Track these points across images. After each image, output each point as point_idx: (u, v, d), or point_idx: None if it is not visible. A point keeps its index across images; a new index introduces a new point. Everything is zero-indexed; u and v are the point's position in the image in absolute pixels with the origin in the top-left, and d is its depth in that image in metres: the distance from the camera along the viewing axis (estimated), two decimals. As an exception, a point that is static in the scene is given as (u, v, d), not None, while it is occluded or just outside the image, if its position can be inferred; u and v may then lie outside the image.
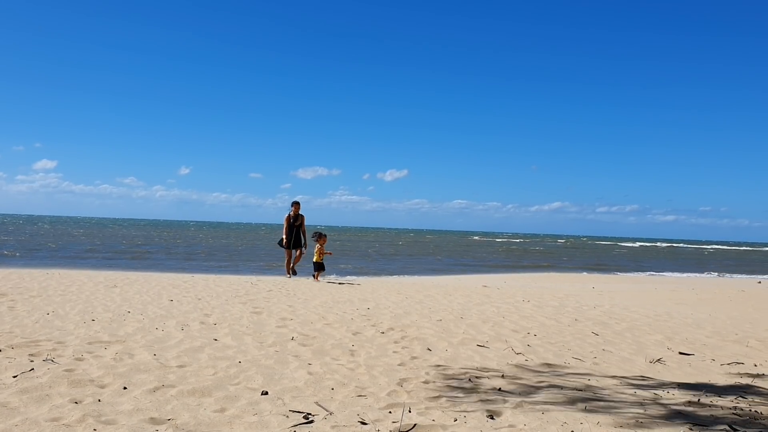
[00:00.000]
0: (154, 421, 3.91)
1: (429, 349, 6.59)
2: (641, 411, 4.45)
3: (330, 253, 15.61)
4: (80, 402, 4.22)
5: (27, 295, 9.62)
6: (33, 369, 5.01)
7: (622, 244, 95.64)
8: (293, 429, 3.86)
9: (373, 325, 7.90)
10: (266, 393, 4.66)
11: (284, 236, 15.34)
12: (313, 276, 14.62)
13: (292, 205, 15.56)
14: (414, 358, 6.16)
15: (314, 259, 14.67)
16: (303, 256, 15.54)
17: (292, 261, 15.55)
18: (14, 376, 4.77)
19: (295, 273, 15.60)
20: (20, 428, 3.64)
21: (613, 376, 5.68)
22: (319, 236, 14.83)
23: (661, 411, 4.48)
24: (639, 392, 5.09)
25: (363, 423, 4.02)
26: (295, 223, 15.39)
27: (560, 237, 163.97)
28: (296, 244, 15.43)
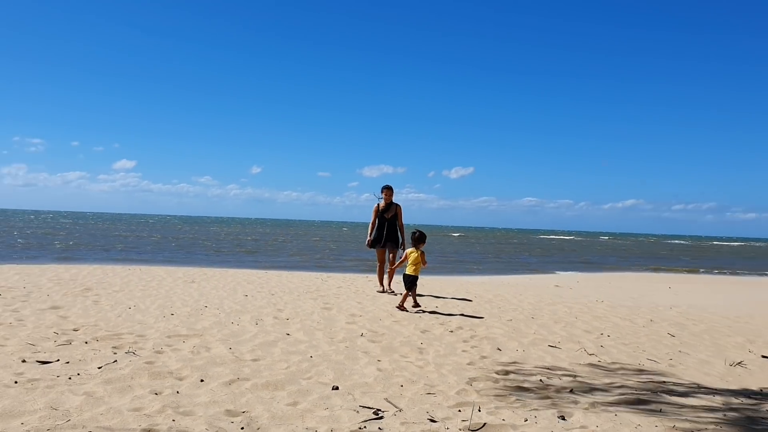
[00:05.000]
0: (229, 413, 4.03)
1: (499, 349, 6.54)
2: (720, 416, 4.30)
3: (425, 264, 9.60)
4: (160, 393, 4.39)
5: (110, 290, 10.05)
6: (116, 361, 5.24)
7: (700, 243, 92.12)
8: (363, 424, 3.91)
9: (442, 324, 7.89)
10: (337, 388, 4.73)
11: (369, 232, 11.38)
12: (413, 301, 9.33)
13: (381, 191, 11.43)
14: (483, 357, 6.12)
15: (407, 271, 9.39)
16: (401, 261, 9.88)
17: (386, 267, 11.41)
18: (99, 367, 5.00)
19: (392, 291, 11.19)
20: (105, 417, 3.82)
21: (690, 380, 5.51)
22: (419, 237, 9.60)
23: (740, 416, 4.32)
24: (718, 397, 4.92)
25: (432, 420, 4.03)
26: (387, 214, 11.28)
27: (634, 236, 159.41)
28: (390, 243, 11.23)
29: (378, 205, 11.39)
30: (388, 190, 11.37)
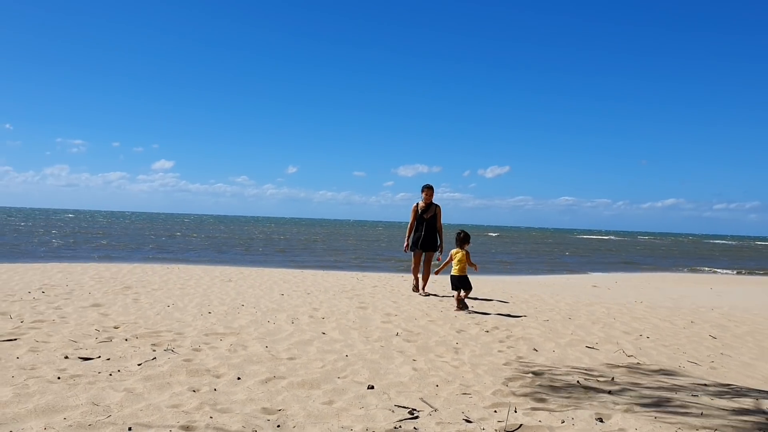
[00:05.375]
0: (266, 411, 4.07)
1: (535, 350, 6.48)
2: (763, 419, 4.20)
3: (475, 267, 9.61)
4: (198, 390, 4.44)
5: (150, 288, 10.22)
6: (155, 358, 5.32)
7: (743, 243, 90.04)
8: (399, 423, 3.90)
9: (477, 324, 7.84)
10: (372, 387, 4.73)
11: (407, 235, 10.95)
12: (458, 303, 9.04)
13: (422, 191, 10.94)
14: (520, 357, 6.07)
15: (453, 272, 9.37)
16: (440, 265, 10.08)
17: (420, 269, 10.95)
18: (139, 364, 5.08)
19: (426, 294, 10.76)
20: (144, 413, 3.88)
21: (733, 382, 5.38)
22: (464, 237, 9.51)
23: (787, 421, 4.20)
24: (761, 400, 4.79)
25: (468, 421, 4.01)
26: (426, 215, 10.82)
27: (674, 235, 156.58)
28: (427, 245, 10.76)
29: (417, 204, 10.93)
30: (428, 189, 10.88)
